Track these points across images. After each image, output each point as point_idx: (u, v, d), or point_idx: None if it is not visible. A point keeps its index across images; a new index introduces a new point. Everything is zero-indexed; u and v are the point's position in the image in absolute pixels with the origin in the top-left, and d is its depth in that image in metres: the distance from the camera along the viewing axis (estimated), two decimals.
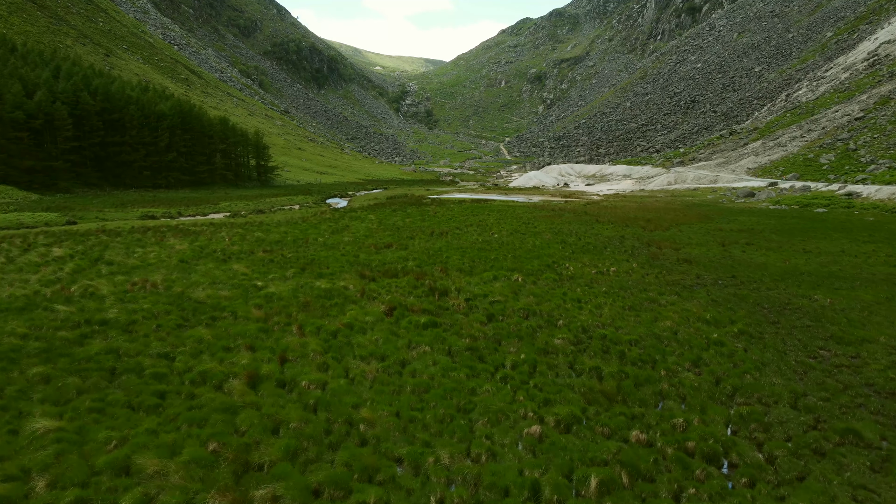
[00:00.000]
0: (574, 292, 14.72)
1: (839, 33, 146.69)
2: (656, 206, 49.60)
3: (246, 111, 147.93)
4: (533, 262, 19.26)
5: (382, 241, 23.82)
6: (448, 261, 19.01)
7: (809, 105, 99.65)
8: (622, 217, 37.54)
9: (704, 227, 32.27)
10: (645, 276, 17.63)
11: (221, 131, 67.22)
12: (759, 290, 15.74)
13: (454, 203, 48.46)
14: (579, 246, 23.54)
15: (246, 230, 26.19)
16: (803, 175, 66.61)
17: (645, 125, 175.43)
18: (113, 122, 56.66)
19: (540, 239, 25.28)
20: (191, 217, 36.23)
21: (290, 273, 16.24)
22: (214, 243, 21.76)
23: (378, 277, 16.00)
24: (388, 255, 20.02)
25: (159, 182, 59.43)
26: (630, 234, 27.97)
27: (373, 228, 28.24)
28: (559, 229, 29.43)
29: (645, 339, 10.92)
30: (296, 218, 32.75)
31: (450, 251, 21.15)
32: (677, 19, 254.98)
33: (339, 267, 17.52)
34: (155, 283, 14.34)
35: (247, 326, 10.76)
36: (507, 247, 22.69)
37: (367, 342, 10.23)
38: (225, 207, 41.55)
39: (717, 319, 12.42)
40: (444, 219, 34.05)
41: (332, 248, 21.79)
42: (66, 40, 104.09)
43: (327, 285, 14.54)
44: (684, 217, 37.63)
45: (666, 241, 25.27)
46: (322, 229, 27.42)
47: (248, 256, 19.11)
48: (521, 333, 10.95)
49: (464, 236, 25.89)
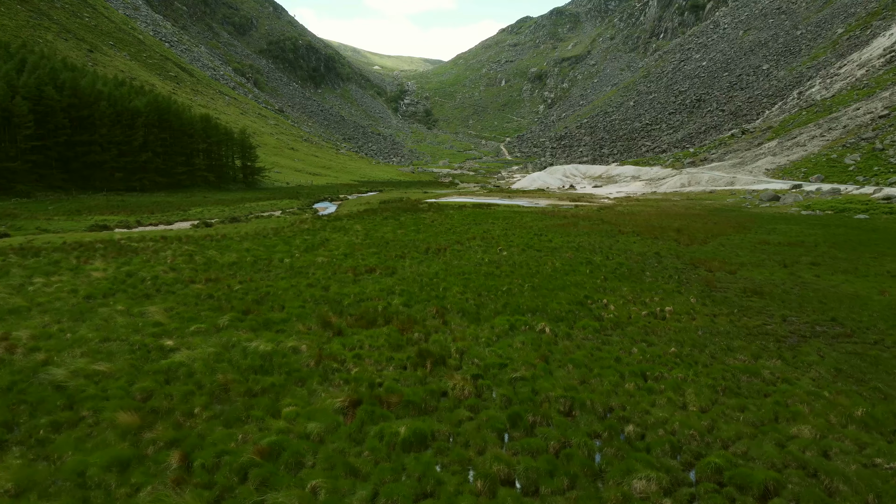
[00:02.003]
0: (632, 357, 10.08)
1: (850, 29, 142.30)
2: (677, 211, 44.96)
3: (238, 110, 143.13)
4: (558, 295, 14.63)
5: (365, 262, 19.15)
6: (446, 295, 14.38)
7: (826, 103, 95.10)
8: (645, 225, 32.91)
9: (745, 239, 27.66)
10: (714, 319, 12.99)
11: (203, 129, 62.24)
12: (884, 346, 11.14)
13: (454, 209, 43.80)
14: (610, 268, 18.88)
15: (200, 247, 21.50)
16: (829, 177, 62.02)
17: (649, 125, 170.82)
18: (81, 119, 51.91)
19: (559, 258, 20.61)
20: (151, 227, 31.54)
21: (224, 320, 11.56)
22: (149, 267, 17.07)
23: (348, 328, 11.37)
24: (368, 286, 15.36)
25: (133, 185, 54.68)
26: (665, 250, 23.34)
27: (356, 244, 23.53)
28: (579, 243, 24.79)
29: (788, 474, 6.26)
30: (268, 229, 27.98)
31: (449, 278, 16.52)
32: (680, 17, 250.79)
33: (299, 307, 12.88)
34: (13, 345, 9.66)
35: (90, 457, 6.08)
36: (522, 270, 18.04)
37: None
38: (195, 214, 36.83)
39: (876, 418, 7.76)
40: (443, 229, 29.40)
41: (299, 273, 17.11)
42: (46, 35, 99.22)
43: (268, 346, 9.89)
44: (717, 226, 32.98)
45: (713, 261, 20.62)
46: (295, 245, 22.72)
47: (182, 289, 14.43)
48: (573, 469, 6.28)
49: (466, 254, 21.24)
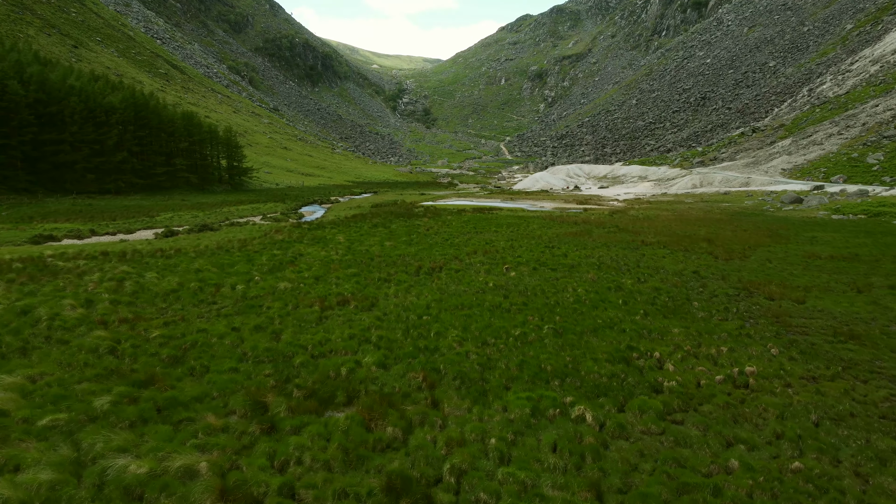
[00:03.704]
0: (734, 482, 6.20)
1: (860, 25, 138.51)
2: (696, 215, 41.08)
3: (230, 108, 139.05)
4: (591, 343, 10.78)
5: (338, 289, 15.24)
6: (439, 345, 10.52)
7: (840, 100, 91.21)
8: (668, 233, 29.02)
9: (788, 251, 23.75)
10: (819, 388, 9.13)
11: (184, 127, 58.17)
12: None
13: (452, 213, 39.90)
14: (646, 296, 14.99)
15: (141, 267, 17.58)
16: (852, 177, 58.16)
17: (653, 123, 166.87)
18: (50, 115, 47.94)
19: (581, 281, 16.71)
20: (108, 236, 27.64)
21: (105, 402, 7.67)
22: (55, 301, 13.16)
23: (288, 415, 7.51)
24: (335, 330, 11.47)
25: (107, 187, 50.72)
26: (704, 268, 19.42)
27: (334, 261, 19.60)
28: (599, 258, 20.87)
29: None
30: (235, 241, 23.98)
31: (443, 315, 12.63)
32: (682, 14, 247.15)
33: (229, 371, 9.00)
34: None
35: None
36: (537, 301, 14.14)
37: None
38: (163, 221, 32.90)
39: None
40: (439, 240, 25.50)
41: (250, 308, 13.21)
42: (28, 30, 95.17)
43: (144, 467, 6.01)
44: (748, 234, 29.06)
45: (769, 284, 16.72)
46: (259, 263, 18.78)
47: (79, 338, 10.54)
48: None
49: (465, 276, 17.34)
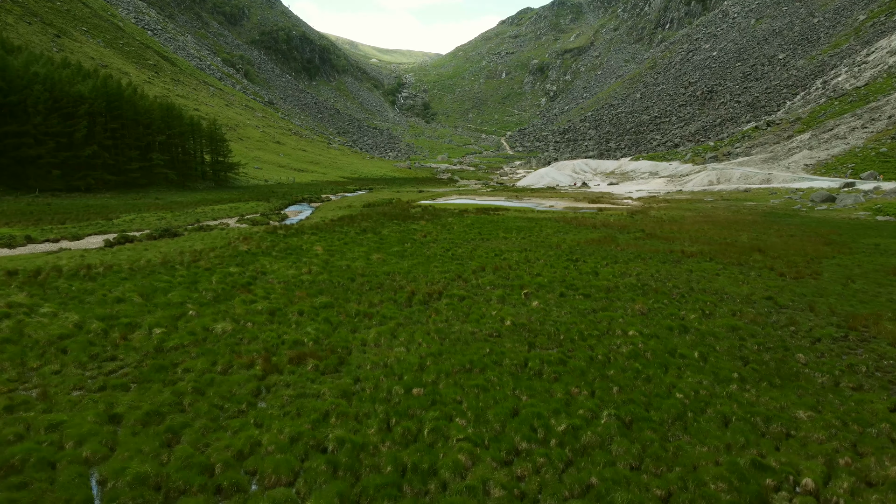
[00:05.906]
0: None
1: (874, 15, 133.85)
2: (723, 216, 36.79)
3: (223, 101, 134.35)
4: (687, 453, 6.52)
5: (297, 332, 10.87)
6: (436, 464, 6.23)
7: (860, 92, 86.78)
8: (704, 239, 24.73)
9: (862, 263, 19.40)
10: None
11: (162, 119, 53.64)
12: None
13: (453, 215, 35.55)
14: (728, 343, 10.68)
15: (40, 297, 13.25)
16: (885, 173, 53.88)
17: (658, 117, 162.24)
18: (10, 105, 43.46)
19: (629, 317, 12.37)
20: (48, 243, 23.32)
21: None
22: None
23: None
24: (272, 424, 7.17)
25: (76, 184, 46.30)
26: (776, 291, 15.06)
27: (303, 283, 15.23)
28: (639, 277, 16.55)
29: None
30: (187, 254, 19.51)
31: (444, 389, 8.32)
32: (687, 7, 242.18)
33: None
34: None
35: None
36: (579, 356, 9.84)
37: None
38: (121, 224, 28.54)
39: None
40: (438, 250, 21.19)
41: (157, 372, 8.88)
42: (7, 18, 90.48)
43: None
44: (797, 241, 24.72)
45: (880, 319, 12.41)
46: (204, 287, 14.41)
47: None
48: None
49: (474, 308, 13.00)
